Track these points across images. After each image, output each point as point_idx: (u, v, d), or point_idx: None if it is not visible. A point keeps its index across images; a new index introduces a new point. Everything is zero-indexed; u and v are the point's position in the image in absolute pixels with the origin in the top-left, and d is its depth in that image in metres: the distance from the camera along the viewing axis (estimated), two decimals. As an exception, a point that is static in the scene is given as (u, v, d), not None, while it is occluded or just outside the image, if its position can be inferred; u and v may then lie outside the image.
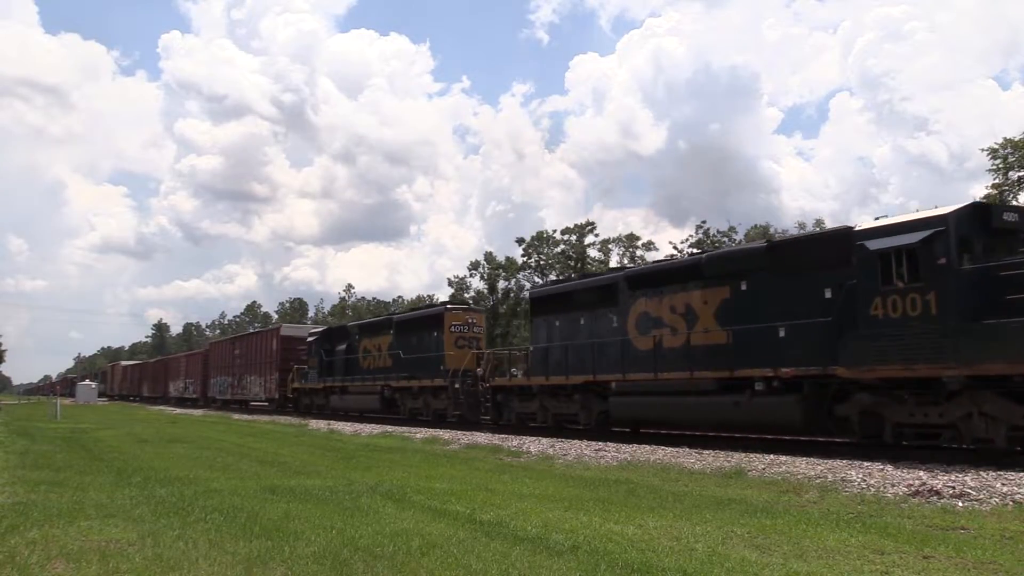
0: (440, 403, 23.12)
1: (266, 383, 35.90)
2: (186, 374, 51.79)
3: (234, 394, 40.66)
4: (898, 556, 5.75)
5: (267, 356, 36.02)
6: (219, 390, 43.42)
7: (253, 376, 37.91)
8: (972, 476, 9.18)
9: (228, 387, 41.63)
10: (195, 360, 50.74)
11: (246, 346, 39.98)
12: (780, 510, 7.91)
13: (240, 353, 40.39)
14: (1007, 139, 34.49)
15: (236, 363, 40.64)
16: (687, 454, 12.79)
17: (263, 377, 36.39)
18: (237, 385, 40.17)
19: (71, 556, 5.57)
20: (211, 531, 6.47)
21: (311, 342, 31.12)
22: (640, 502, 8.52)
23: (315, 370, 30.23)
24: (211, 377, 45.33)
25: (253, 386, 37.76)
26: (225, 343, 46.29)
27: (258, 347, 37.83)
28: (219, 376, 43.76)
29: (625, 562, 5.39)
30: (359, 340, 27.98)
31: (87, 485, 9.62)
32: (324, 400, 29.94)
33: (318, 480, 10.28)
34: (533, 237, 60.09)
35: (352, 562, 5.38)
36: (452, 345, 23.05)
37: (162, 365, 61.87)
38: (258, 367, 37.37)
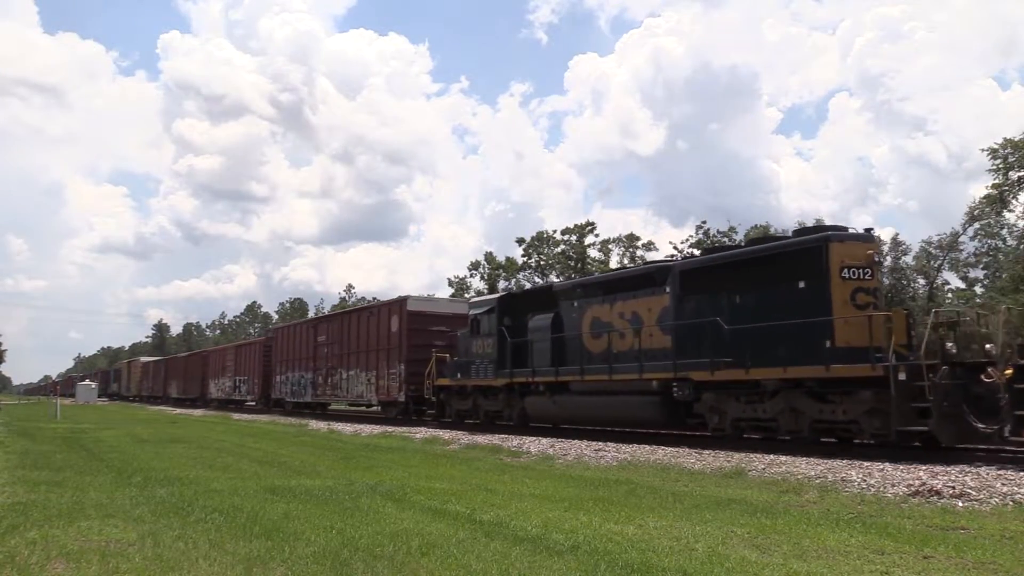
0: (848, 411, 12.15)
1: (381, 380, 25.65)
2: (236, 369, 41.66)
3: (320, 395, 30.63)
4: (898, 556, 5.76)
5: (381, 341, 25.81)
6: (290, 390, 33.49)
7: (355, 370, 27.61)
8: (972, 476, 9.18)
9: (308, 386, 31.55)
10: (250, 352, 40.26)
11: (341, 329, 29.27)
12: (780, 510, 7.91)
13: (329, 339, 30.04)
14: (1007, 139, 34.49)
15: (322, 353, 30.45)
16: (687, 454, 12.79)
17: (374, 371, 26.09)
18: (326, 383, 29.86)
19: (71, 556, 5.57)
20: (211, 531, 6.47)
21: (476, 316, 20.78)
22: (640, 502, 8.52)
23: (485, 359, 20.03)
24: (276, 373, 35.37)
25: (355, 384, 27.51)
26: (300, 327, 34.57)
27: (364, 329, 27.32)
28: (290, 371, 33.69)
29: (625, 562, 5.39)
30: (581, 307, 17.66)
31: (87, 485, 9.62)
32: (506, 405, 19.77)
33: (318, 480, 10.28)
34: (533, 237, 60.08)
35: (352, 562, 5.38)
36: (846, 303, 12.28)
37: (199, 360, 50.51)
38: (364, 357, 27.04)
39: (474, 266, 63.78)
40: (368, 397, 26.93)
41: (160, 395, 58.71)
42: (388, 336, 25.40)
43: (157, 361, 66.92)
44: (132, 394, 68.41)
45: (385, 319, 25.87)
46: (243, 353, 41.62)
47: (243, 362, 40.95)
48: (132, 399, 67.01)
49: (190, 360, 53.61)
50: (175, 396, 54.17)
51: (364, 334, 27.27)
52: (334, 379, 29.29)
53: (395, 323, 25.13)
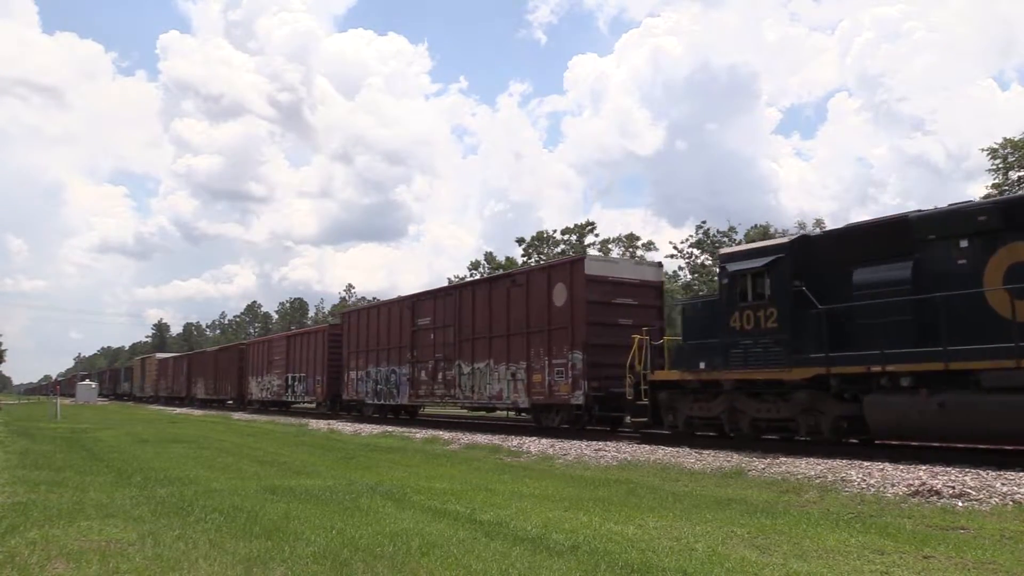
0: None
1: (536, 375, 18.20)
2: (289, 364, 33.54)
3: (424, 395, 23.03)
4: (898, 556, 5.76)
5: (536, 319, 18.32)
6: (372, 389, 25.96)
7: (485, 362, 20.02)
8: (972, 476, 9.18)
9: (401, 384, 24.08)
10: (309, 342, 31.88)
11: (460, 306, 21.32)
12: (780, 510, 7.91)
13: (438, 321, 22.31)
14: (1007, 139, 34.53)
15: (426, 340, 22.84)
16: (687, 454, 12.78)
17: (522, 363, 18.64)
18: (433, 380, 22.40)
19: (71, 556, 5.57)
20: (211, 531, 6.47)
21: (738, 273, 13.54)
22: (640, 502, 8.52)
23: (759, 338, 13.10)
24: (350, 368, 27.75)
25: (487, 381, 19.95)
26: (389, 307, 25.91)
27: (504, 305, 19.52)
28: (372, 365, 26.06)
29: (625, 562, 5.39)
30: (981, 248, 10.96)
31: (87, 485, 9.62)
32: (807, 411, 12.72)
33: (318, 480, 10.28)
34: (533, 237, 60.13)
35: (352, 562, 5.38)
36: None
37: (234, 354, 41.71)
38: (505, 344, 19.30)
39: (474, 266, 63.83)
40: (512, 399, 19.05)
41: (183, 396, 50.79)
42: (549, 312, 17.79)
43: (179, 357, 56.98)
44: (147, 395, 60.92)
45: (542, 289, 18.20)
46: (299, 344, 32.85)
47: (299, 355, 32.46)
48: (147, 400, 60.31)
49: (223, 355, 44.45)
50: (202, 397, 46.37)
51: (504, 311, 19.38)
52: (447, 375, 21.58)
53: (561, 294, 17.54)
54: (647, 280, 18.08)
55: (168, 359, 58.95)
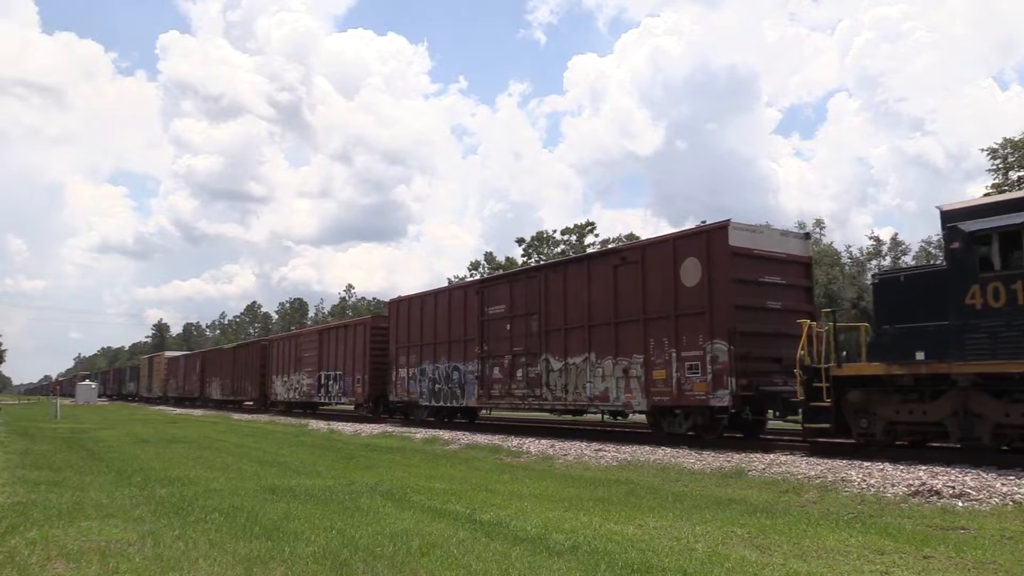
0: None
1: (656, 370, 14.92)
2: (322, 361, 29.49)
3: (497, 395, 19.26)
4: (898, 556, 5.75)
5: (656, 303, 15.02)
6: (428, 389, 22.14)
7: (582, 356, 16.60)
8: (972, 476, 9.18)
9: (466, 382, 20.43)
10: (344, 337, 28.04)
11: (546, 289, 17.76)
12: (780, 510, 7.91)
13: (514, 308, 18.72)
14: (1007, 139, 34.52)
15: (500, 332, 19.20)
16: (687, 454, 12.79)
17: (637, 357, 15.29)
18: (509, 378, 18.71)
19: (71, 556, 5.57)
20: (211, 531, 6.47)
21: (989, 233, 10.16)
22: (640, 502, 8.52)
23: None
24: (399, 365, 23.82)
25: (586, 379, 16.45)
26: (449, 294, 22.12)
27: (606, 286, 16.14)
28: (427, 361, 22.32)
29: (625, 562, 5.39)
30: None
31: (87, 485, 9.63)
32: None
33: (318, 480, 10.28)
34: (533, 237, 60.14)
35: (352, 562, 5.38)
36: None
37: (256, 351, 37.65)
38: (612, 334, 15.90)
39: (474, 266, 63.84)
40: (622, 400, 15.51)
41: (195, 396, 47.50)
42: (676, 294, 14.48)
43: (191, 355, 53.01)
44: (155, 395, 57.46)
45: (664, 266, 14.76)
46: (335, 338, 29.04)
47: (335, 350, 28.72)
48: (155, 402, 56.61)
49: (242, 352, 40.42)
50: (218, 398, 42.91)
51: (609, 295, 15.93)
52: (530, 372, 18.05)
53: (693, 271, 14.20)
54: (794, 255, 14.80)
55: (179, 357, 54.53)
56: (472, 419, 23.38)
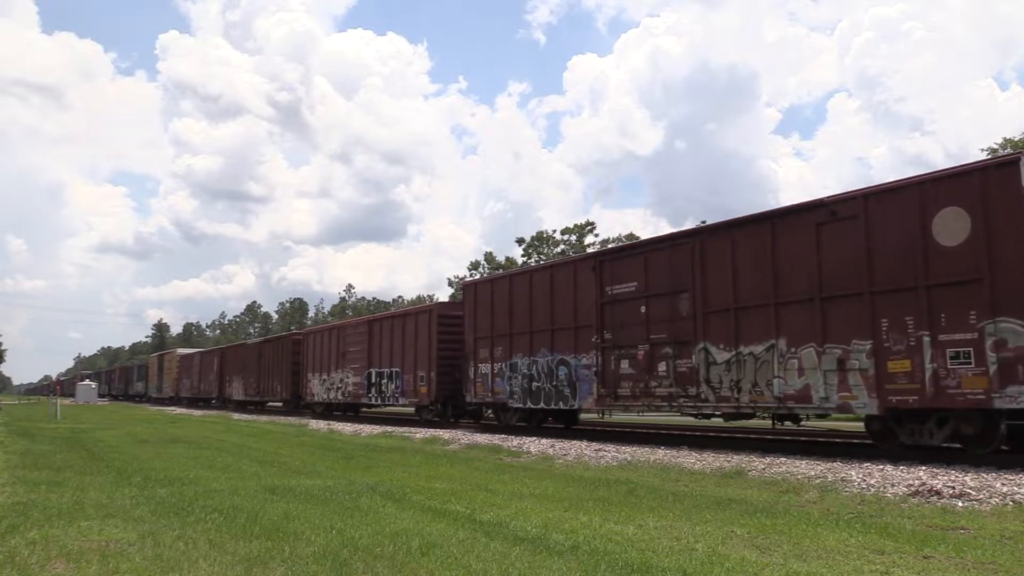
0: None
1: (905, 360, 11.01)
2: (371, 357, 25.73)
3: (628, 394, 15.47)
4: (898, 556, 5.75)
5: (890, 269, 11.41)
6: (520, 388, 18.35)
7: (774, 343, 12.75)
8: (972, 476, 9.18)
9: (587, 380, 16.47)
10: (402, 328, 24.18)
11: (702, 258, 14.12)
12: (780, 510, 7.91)
13: (647, 287, 15.29)
14: (1007, 139, 34.55)
15: (628, 315, 15.64)
16: (687, 454, 12.79)
17: (869, 341, 11.44)
18: (649, 372, 15.05)
19: (71, 556, 5.57)
20: (211, 531, 6.47)
21: None
22: (640, 502, 8.52)
23: None
24: (479, 359, 19.82)
25: (788, 372, 12.53)
26: (545, 273, 18.30)
27: (813, 247, 12.36)
28: (517, 355, 18.59)
29: (625, 562, 5.39)
30: None
31: (87, 485, 9.63)
32: None
33: (318, 480, 10.28)
34: (533, 237, 60.16)
35: (352, 562, 5.38)
36: None
37: (285, 346, 33.64)
38: (819, 316, 12.15)
39: (474, 266, 63.86)
40: (835, 400, 11.95)
41: (212, 397, 44.17)
42: (925, 257, 11.06)
43: (207, 352, 48.40)
44: (166, 396, 53.80)
45: (905, 219, 11.38)
46: (389, 330, 25.02)
47: (389, 344, 24.82)
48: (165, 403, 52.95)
49: (270, 348, 35.88)
50: (240, 398, 39.02)
51: (805, 261, 12.50)
52: (678, 365, 14.43)
53: (954, 224, 10.83)
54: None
55: (194, 355, 50.34)
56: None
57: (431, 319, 22.96)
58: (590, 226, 59.54)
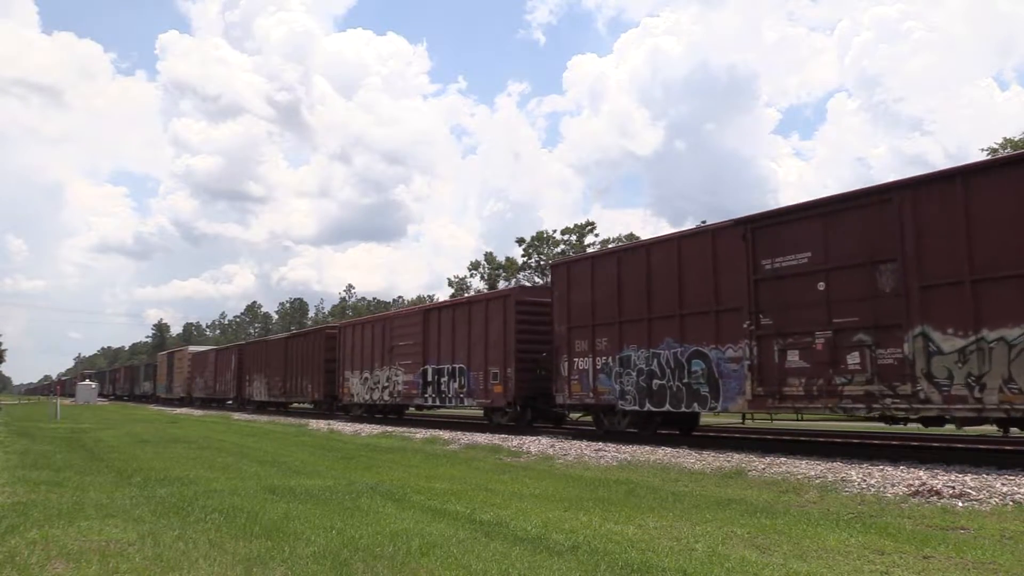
0: None
1: None
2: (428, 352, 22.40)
3: (796, 393, 12.43)
4: (898, 556, 5.75)
5: None
6: (635, 386, 15.22)
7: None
8: (972, 476, 9.18)
9: (735, 375, 13.35)
10: (466, 317, 20.81)
11: (913, 214, 11.00)
12: (780, 510, 7.91)
13: (825, 258, 12.16)
14: (1007, 139, 34.55)
15: (800, 298, 12.45)
16: (687, 454, 12.78)
17: None
18: (839, 366, 11.83)
19: (71, 556, 5.57)
20: (211, 531, 6.47)
21: None
22: (640, 502, 8.52)
23: None
24: (575, 354, 16.70)
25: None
26: (663, 247, 15.14)
27: None
28: (628, 347, 15.49)
29: (625, 562, 5.39)
30: None
31: (87, 485, 9.63)
32: None
33: (318, 480, 10.28)
34: (533, 237, 60.15)
35: (352, 562, 5.38)
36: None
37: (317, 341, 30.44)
38: None
39: (474, 266, 63.87)
40: None
41: (230, 397, 40.91)
42: None
43: (224, 349, 44.81)
44: (177, 396, 50.39)
45: None
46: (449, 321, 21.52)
47: (450, 336, 21.34)
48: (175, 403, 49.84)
49: (298, 343, 32.28)
50: (262, 399, 35.80)
51: None
52: (879, 356, 11.54)
53: None
54: None
55: (208, 352, 46.92)
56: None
57: (507, 306, 19.41)
58: (590, 226, 59.55)
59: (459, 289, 63.97)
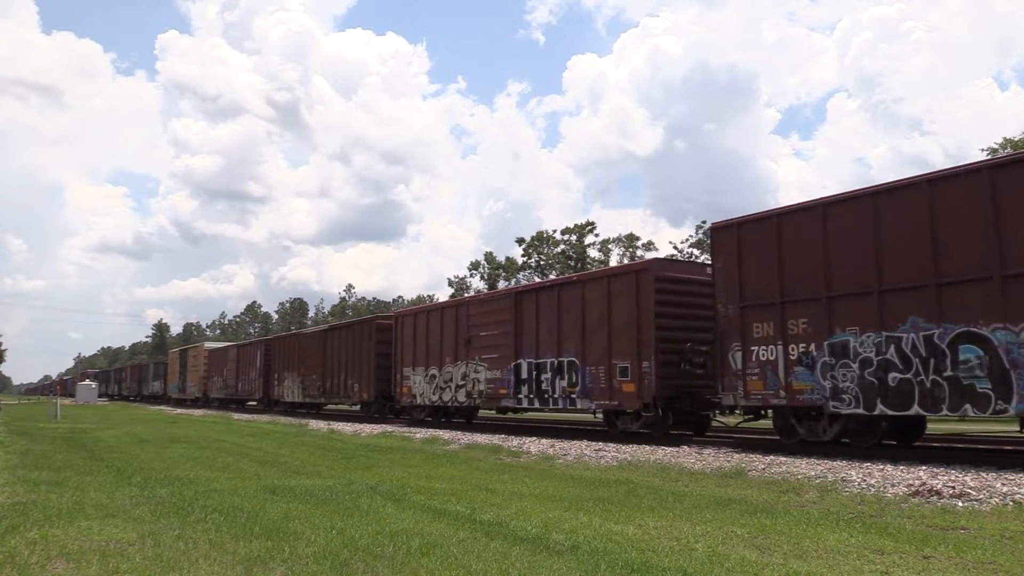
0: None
1: None
2: (524, 343, 18.37)
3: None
4: (898, 556, 5.75)
5: None
6: (925, 388, 10.60)
7: None
8: (972, 476, 9.18)
9: None
10: (595, 299, 16.41)
11: None
12: (780, 510, 7.90)
13: None
14: (1007, 139, 34.56)
15: None
16: (687, 454, 12.78)
17: None
18: None
19: (71, 556, 5.57)
20: (211, 531, 6.47)
21: None
22: (640, 502, 8.52)
23: None
24: (821, 331, 12.02)
25: None
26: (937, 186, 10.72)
27: None
28: (918, 315, 10.81)
29: (625, 562, 5.39)
30: None
31: (87, 485, 9.62)
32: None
33: (318, 480, 10.28)
34: (533, 237, 60.16)
35: (352, 562, 5.38)
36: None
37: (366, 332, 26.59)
38: None
39: (474, 266, 63.87)
40: None
41: (254, 397, 37.22)
42: None
43: (246, 345, 40.85)
44: (191, 397, 46.80)
45: None
46: (554, 305, 17.61)
47: (556, 323, 17.45)
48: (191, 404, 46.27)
49: (341, 336, 28.44)
50: (294, 400, 32.16)
51: None
52: None
53: None
54: None
55: (227, 348, 42.82)
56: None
57: (641, 284, 15.37)
58: (590, 226, 59.54)
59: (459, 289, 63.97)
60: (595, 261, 57.69)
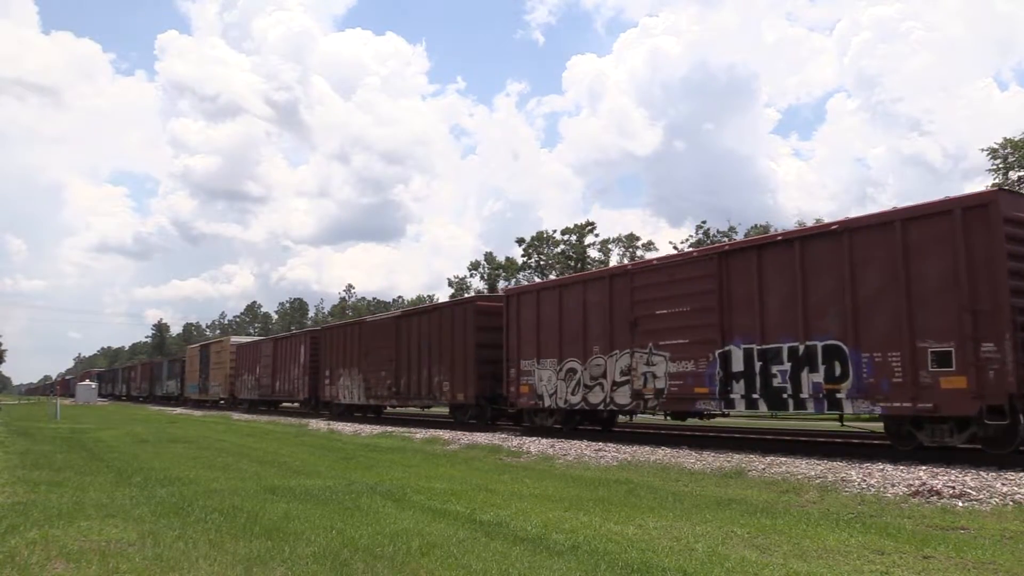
0: None
1: None
2: (724, 323, 13.24)
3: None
4: (898, 556, 5.75)
5: None
6: None
7: None
8: (972, 476, 9.18)
9: None
10: (890, 256, 10.83)
11: None
12: (780, 510, 7.91)
13: None
14: (1007, 139, 34.56)
15: None
16: (687, 454, 12.78)
17: None
18: None
19: (71, 556, 5.57)
20: (211, 531, 6.47)
21: None
22: (640, 502, 8.51)
23: None
24: None
25: None
26: None
27: None
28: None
29: (625, 562, 5.39)
30: None
31: (87, 485, 9.62)
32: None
33: (318, 480, 10.28)
34: (533, 237, 60.16)
35: (352, 562, 5.38)
36: None
37: (464, 316, 20.74)
38: None
39: (474, 266, 63.87)
40: None
41: (297, 399, 31.93)
42: None
43: (286, 338, 34.24)
44: (214, 398, 41.42)
45: None
46: (783, 267, 12.46)
47: (795, 291, 12.21)
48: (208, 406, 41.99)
49: (425, 322, 22.68)
50: (353, 402, 26.76)
51: None
52: None
53: None
54: None
55: (262, 343, 36.98)
56: None
57: (975, 224, 10.21)
58: (590, 226, 59.55)
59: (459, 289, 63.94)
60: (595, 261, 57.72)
